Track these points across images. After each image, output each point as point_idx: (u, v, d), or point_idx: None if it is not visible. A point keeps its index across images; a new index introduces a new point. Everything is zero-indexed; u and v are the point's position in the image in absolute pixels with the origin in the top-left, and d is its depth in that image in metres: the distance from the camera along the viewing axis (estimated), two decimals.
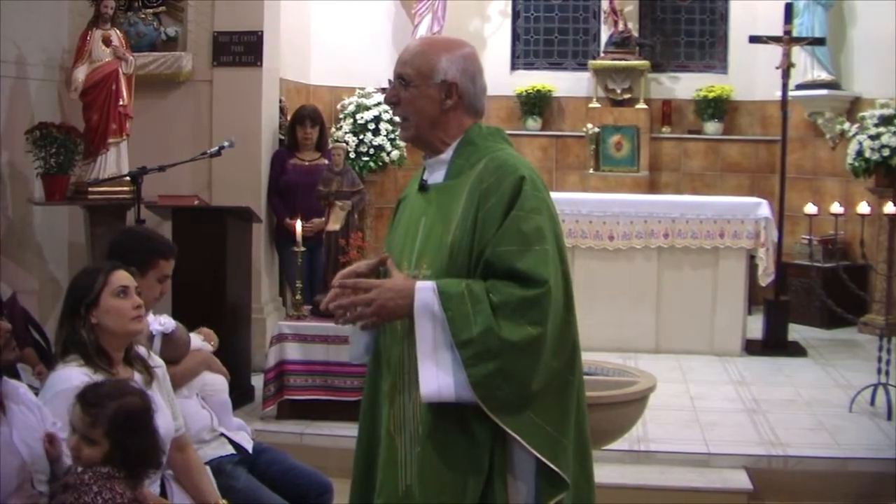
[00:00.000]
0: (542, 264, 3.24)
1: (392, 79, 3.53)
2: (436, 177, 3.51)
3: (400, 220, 3.63)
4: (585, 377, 3.56)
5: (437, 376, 3.22)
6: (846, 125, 11.08)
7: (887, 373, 7.83)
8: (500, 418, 3.21)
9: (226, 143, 7.89)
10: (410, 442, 3.35)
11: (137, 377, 4.10)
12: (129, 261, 4.52)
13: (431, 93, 3.44)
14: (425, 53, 3.48)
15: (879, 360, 7.85)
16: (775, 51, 10.60)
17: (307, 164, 9.22)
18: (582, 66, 13.43)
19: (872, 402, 7.93)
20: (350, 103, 11.56)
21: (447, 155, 3.49)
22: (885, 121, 10.41)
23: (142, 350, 4.26)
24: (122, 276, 4.11)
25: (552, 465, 3.27)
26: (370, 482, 3.49)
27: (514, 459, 3.33)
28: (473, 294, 3.21)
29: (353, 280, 3.37)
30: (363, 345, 3.63)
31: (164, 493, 4.21)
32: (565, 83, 13.37)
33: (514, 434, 3.23)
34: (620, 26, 12.83)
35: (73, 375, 3.89)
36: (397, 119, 3.60)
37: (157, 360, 4.36)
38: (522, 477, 3.35)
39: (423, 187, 3.53)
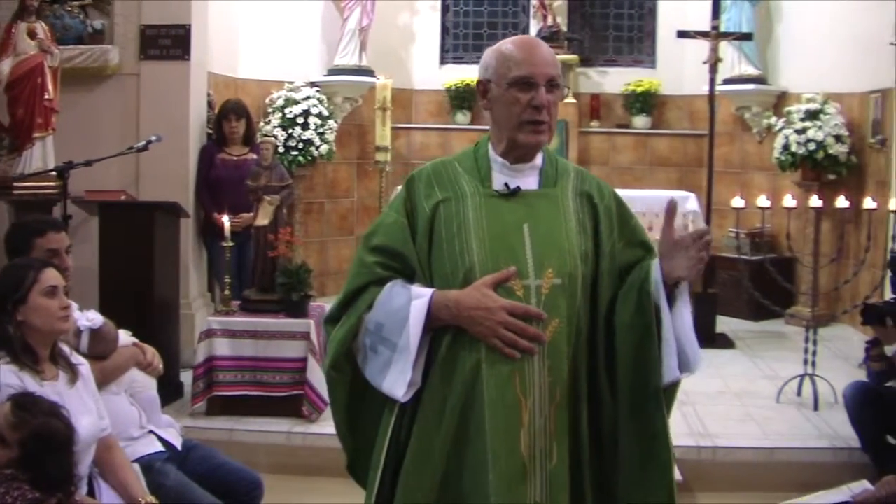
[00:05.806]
0: None
1: (542, 84, 3.29)
2: (527, 182, 3.37)
3: (465, 225, 3.32)
4: None
5: (676, 360, 3.30)
6: (773, 119, 11.22)
7: (813, 364, 7.94)
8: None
9: (153, 138, 7.84)
10: (541, 459, 3.22)
11: (62, 375, 4.06)
12: (15, 253, 4.56)
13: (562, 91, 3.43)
14: (551, 51, 3.39)
15: (806, 351, 7.95)
16: (703, 46, 10.65)
17: (235, 158, 9.16)
18: None
19: (799, 393, 8.04)
20: (279, 97, 11.48)
21: (538, 161, 3.42)
22: (810, 115, 10.57)
23: (65, 349, 4.21)
24: (51, 276, 4.08)
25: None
26: None
27: None
28: None
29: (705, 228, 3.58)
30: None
31: (91, 493, 4.16)
32: None
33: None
34: (549, 21, 12.82)
35: (1, 373, 3.84)
36: (544, 122, 3.33)
37: (80, 359, 4.31)
38: None
39: (513, 192, 3.34)
